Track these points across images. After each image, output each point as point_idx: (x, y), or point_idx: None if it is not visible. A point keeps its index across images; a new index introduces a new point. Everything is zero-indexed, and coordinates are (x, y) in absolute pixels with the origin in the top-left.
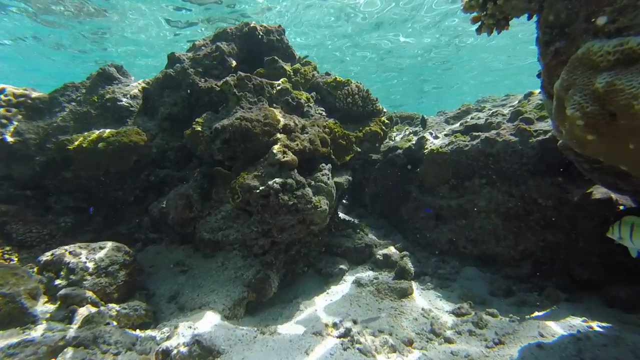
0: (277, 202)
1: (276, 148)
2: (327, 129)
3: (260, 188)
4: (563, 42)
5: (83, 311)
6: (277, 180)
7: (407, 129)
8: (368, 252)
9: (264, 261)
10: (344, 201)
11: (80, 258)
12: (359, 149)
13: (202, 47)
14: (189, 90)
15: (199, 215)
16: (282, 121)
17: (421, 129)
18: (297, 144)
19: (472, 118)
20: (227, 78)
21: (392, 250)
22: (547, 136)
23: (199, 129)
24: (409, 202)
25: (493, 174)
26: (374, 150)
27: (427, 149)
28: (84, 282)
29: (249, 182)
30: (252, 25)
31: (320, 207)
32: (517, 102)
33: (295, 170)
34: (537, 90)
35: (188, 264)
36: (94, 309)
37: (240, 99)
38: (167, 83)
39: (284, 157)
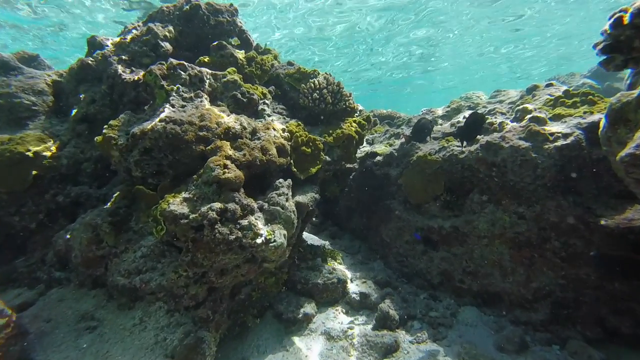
0: (213, 236)
1: (214, 161)
2: (286, 133)
3: (190, 217)
4: None
5: None
6: (215, 205)
7: (387, 129)
8: (341, 289)
9: (196, 317)
10: (313, 219)
11: None
12: (327, 158)
13: (133, 31)
14: (111, 84)
15: (111, 252)
16: (225, 123)
17: (405, 130)
18: (245, 154)
19: (464, 117)
20: (153, 67)
21: (370, 286)
22: (567, 141)
23: (113, 134)
24: (391, 222)
25: (497, 189)
26: (347, 158)
27: (413, 156)
28: None
29: (175, 209)
30: (194, 2)
31: (274, 241)
32: (518, 97)
33: (241, 191)
34: (542, 83)
35: (98, 317)
36: None
37: (170, 94)
38: (84, 75)
39: (224, 173)
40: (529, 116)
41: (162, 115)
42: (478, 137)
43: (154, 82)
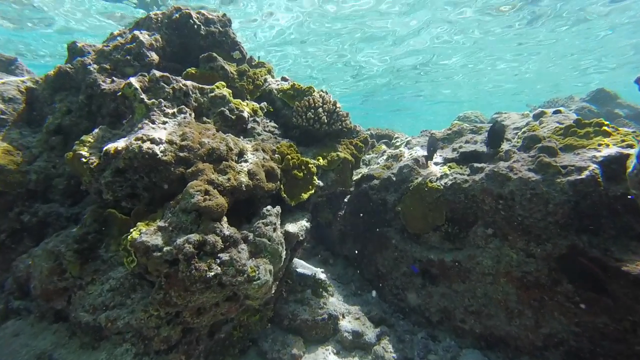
0: (189, 273)
1: (194, 186)
2: (277, 155)
3: (164, 250)
4: None
5: None
6: (192, 237)
7: (384, 150)
8: (332, 326)
9: None
10: (305, 244)
11: None
12: (320, 183)
13: (118, 38)
14: (89, 94)
15: (75, 284)
16: (209, 144)
17: (412, 153)
18: (230, 179)
19: (467, 142)
20: (132, 78)
21: (364, 323)
22: (582, 175)
23: (83, 151)
24: (387, 250)
25: (504, 223)
26: (342, 183)
27: (412, 182)
28: None
29: (146, 240)
30: (185, 11)
31: (259, 278)
32: (523, 122)
33: (224, 220)
34: (550, 110)
35: (56, 359)
36: None
37: (151, 109)
38: (61, 82)
39: (204, 200)
40: (538, 145)
41: (140, 133)
42: (483, 165)
43: (133, 95)
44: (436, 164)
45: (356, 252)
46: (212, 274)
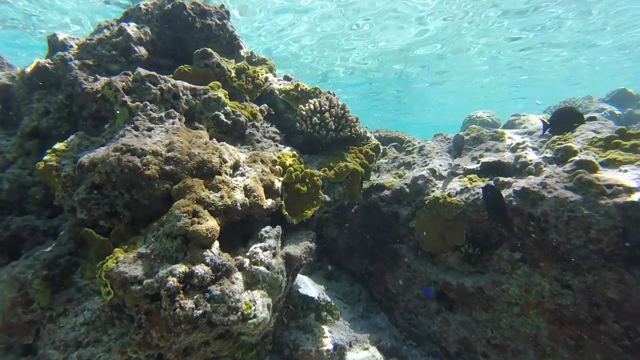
0: (172, 312)
1: (181, 206)
2: (278, 166)
3: (144, 283)
4: None
5: None
6: (177, 269)
7: (395, 156)
8: (338, 357)
9: None
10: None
11: None
12: (327, 197)
13: (104, 30)
14: (69, 93)
15: (44, 316)
16: (199, 155)
17: (426, 161)
18: (223, 197)
19: (488, 150)
20: (114, 78)
21: (374, 355)
22: (633, 198)
23: (55, 162)
24: (399, 269)
25: (535, 248)
26: (350, 196)
27: (428, 195)
28: None
29: (124, 270)
30: (178, 1)
31: (255, 316)
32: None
33: (215, 245)
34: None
35: None
36: None
37: (135, 114)
38: (39, 79)
39: (192, 224)
40: (574, 159)
41: (119, 142)
42: (510, 179)
43: (114, 98)
44: (454, 174)
45: (364, 270)
46: (200, 312)
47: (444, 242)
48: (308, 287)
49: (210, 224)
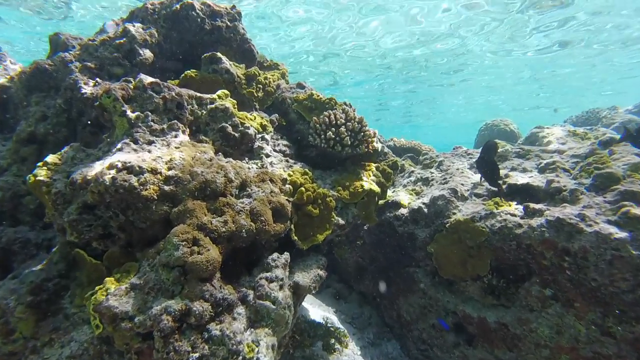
0: (166, 355)
1: (180, 233)
2: (288, 186)
3: (136, 320)
4: None
5: None
6: (172, 306)
7: (412, 170)
8: None
9: None
10: None
11: None
12: (340, 220)
13: (109, 30)
14: (68, 98)
15: (27, 346)
16: (202, 175)
17: (446, 178)
18: (227, 222)
19: (514, 169)
20: (113, 86)
21: None
22: None
23: (45, 177)
24: (414, 294)
25: (569, 286)
26: (365, 218)
27: (449, 217)
28: None
29: (114, 305)
30: (187, 1)
31: (257, 358)
32: (583, 148)
33: (216, 276)
34: (617, 135)
35: None
36: None
37: (135, 125)
38: (38, 81)
39: (191, 254)
40: (618, 188)
41: (114, 159)
42: (542, 207)
43: (112, 107)
44: (478, 196)
45: (375, 292)
46: (197, 355)
47: (465, 270)
48: (315, 311)
49: (212, 254)
